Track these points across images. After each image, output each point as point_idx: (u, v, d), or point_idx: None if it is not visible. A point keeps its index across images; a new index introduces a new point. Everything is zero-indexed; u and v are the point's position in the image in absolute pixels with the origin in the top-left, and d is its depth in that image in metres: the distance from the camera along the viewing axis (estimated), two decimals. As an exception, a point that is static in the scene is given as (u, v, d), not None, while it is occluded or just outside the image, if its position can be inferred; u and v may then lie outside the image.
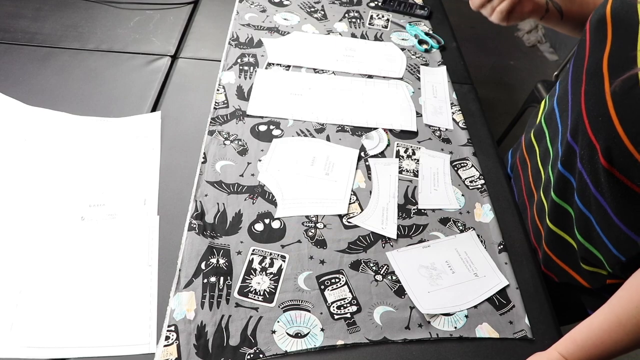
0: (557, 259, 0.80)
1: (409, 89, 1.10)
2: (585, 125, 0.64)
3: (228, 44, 1.15)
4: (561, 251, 0.79)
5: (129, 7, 1.22)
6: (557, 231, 0.77)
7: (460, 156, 0.97)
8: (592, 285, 0.77)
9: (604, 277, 0.74)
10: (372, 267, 0.76)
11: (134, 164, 0.87)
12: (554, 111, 0.78)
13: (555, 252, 0.80)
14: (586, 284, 0.77)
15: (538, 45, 2.78)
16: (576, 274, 0.78)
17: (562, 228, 0.77)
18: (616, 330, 0.57)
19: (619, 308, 0.58)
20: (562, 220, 0.76)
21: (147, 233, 0.76)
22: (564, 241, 0.77)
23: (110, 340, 0.65)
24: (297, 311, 0.70)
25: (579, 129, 0.66)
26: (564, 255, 0.79)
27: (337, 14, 1.31)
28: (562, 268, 0.80)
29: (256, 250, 0.76)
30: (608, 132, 0.59)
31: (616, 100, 0.58)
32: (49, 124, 0.91)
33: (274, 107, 1.01)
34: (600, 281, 0.75)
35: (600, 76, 0.62)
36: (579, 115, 0.66)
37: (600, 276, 0.74)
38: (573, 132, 0.69)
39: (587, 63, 0.66)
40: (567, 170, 0.72)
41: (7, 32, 1.10)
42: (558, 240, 0.78)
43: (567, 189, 0.73)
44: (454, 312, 0.72)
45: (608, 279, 0.74)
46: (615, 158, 0.60)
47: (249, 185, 0.85)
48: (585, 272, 0.76)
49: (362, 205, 0.85)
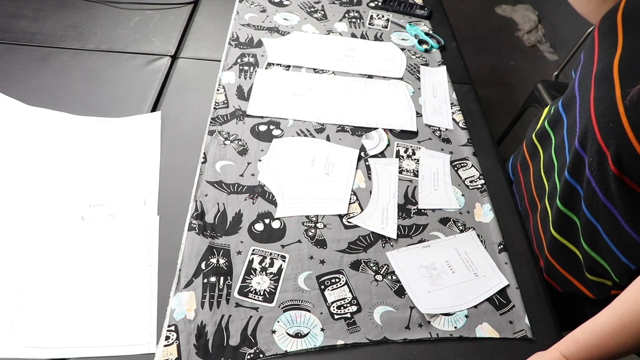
0: (560, 268, 0.79)
1: (409, 89, 1.10)
2: (595, 132, 0.63)
3: (228, 44, 1.15)
4: (565, 260, 0.78)
5: (129, 7, 1.22)
6: (561, 240, 0.77)
7: (460, 156, 0.97)
8: (596, 295, 0.76)
9: (609, 288, 0.74)
10: (372, 267, 0.76)
11: (134, 164, 0.87)
12: (561, 117, 0.77)
13: (559, 262, 0.79)
14: (590, 294, 0.77)
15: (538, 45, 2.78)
16: (580, 284, 0.78)
17: (566, 237, 0.76)
18: (620, 333, 0.57)
19: (623, 310, 0.58)
20: (567, 229, 0.75)
21: (147, 233, 0.76)
22: (569, 250, 0.76)
23: (110, 340, 0.64)
24: (297, 311, 0.70)
25: (588, 136, 0.65)
26: (568, 265, 0.78)
27: (337, 14, 1.31)
28: (566, 277, 0.79)
29: (256, 250, 0.76)
30: (619, 138, 0.59)
31: (627, 106, 0.58)
32: (49, 124, 0.91)
33: (274, 107, 1.01)
34: (605, 292, 0.74)
35: (611, 81, 0.61)
36: (588, 121, 0.65)
37: (605, 287, 0.74)
38: (581, 140, 0.68)
39: (596, 69, 0.65)
40: (574, 178, 0.71)
41: (7, 32, 1.10)
42: (562, 249, 0.77)
43: (574, 198, 0.72)
44: (454, 312, 0.72)
45: (613, 290, 0.73)
46: (626, 165, 0.59)
47: (249, 185, 0.85)
48: (590, 283, 0.76)
49: (362, 205, 0.85)
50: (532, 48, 2.77)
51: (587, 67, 0.69)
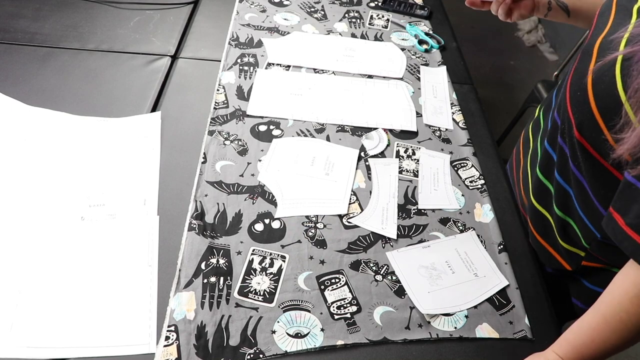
0: (538, 236, 0.83)
1: (409, 89, 1.10)
2: (566, 101, 0.67)
3: (228, 44, 1.15)
4: (541, 228, 0.81)
5: (129, 7, 1.22)
6: (538, 208, 0.81)
7: (460, 156, 0.97)
8: (570, 265, 0.79)
9: (581, 258, 0.76)
10: (372, 267, 0.76)
11: (134, 164, 0.87)
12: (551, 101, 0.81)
13: (537, 229, 0.83)
14: (566, 264, 0.79)
15: (538, 45, 2.77)
16: (556, 253, 0.80)
17: (543, 205, 0.80)
18: (603, 329, 0.58)
19: (604, 305, 0.60)
20: (544, 196, 0.79)
21: (147, 233, 0.76)
22: (544, 218, 0.80)
23: (110, 340, 0.65)
24: (297, 311, 0.70)
25: (562, 104, 0.69)
26: (543, 233, 0.81)
27: (337, 14, 1.31)
28: (544, 246, 0.82)
29: (256, 250, 0.76)
30: (583, 106, 0.62)
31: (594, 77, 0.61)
32: (49, 124, 0.91)
33: (274, 107, 1.01)
34: (577, 262, 0.77)
35: (590, 55, 0.64)
36: (564, 90, 0.69)
37: (578, 257, 0.76)
38: (558, 107, 0.72)
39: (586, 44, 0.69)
40: (551, 145, 0.75)
41: (7, 32, 1.10)
42: (539, 216, 0.81)
43: (549, 165, 0.76)
44: (454, 312, 0.72)
45: (584, 261, 0.76)
46: (586, 132, 0.62)
47: (249, 186, 0.85)
48: (564, 251, 0.78)
49: (362, 205, 0.85)
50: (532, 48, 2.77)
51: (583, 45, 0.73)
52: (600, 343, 0.58)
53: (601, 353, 0.59)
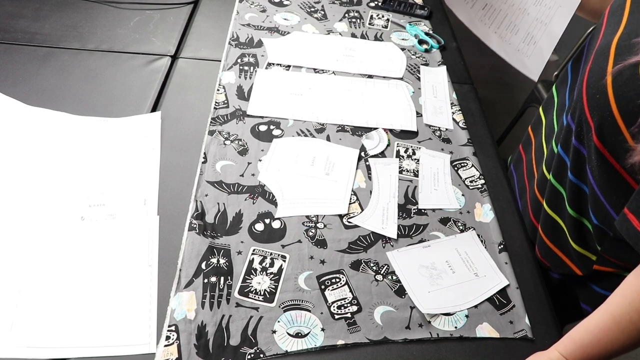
0: (548, 241, 0.81)
1: (409, 89, 1.10)
2: (583, 103, 0.65)
3: (228, 44, 1.15)
4: (553, 233, 0.80)
5: (129, 7, 1.22)
6: (550, 213, 0.79)
7: (460, 156, 0.97)
8: (581, 270, 0.78)
9: (592, 262, 0.75)
10: (372, 267, 0.76)
11: (134, 164, 0.87)
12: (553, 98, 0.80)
13: (548, 236, 0.81)
14: (577, 269, 0.78)
15: (538, 46, 2.77)
16: (566, 258, 0.79)
17: (554, 210, 0.78)
18: (612, 328, 0.58)
19: (614, 306, 0.59)
20: (555, 201, 0.77)
21: (147, 233, 0.76)
22: (556, 223, 0.79)
23: (110, 340, 0.64)
24: (298, 311, 0.70)
25: (577, 107, 0.68)
26: (554, 237, 0.80)
27: (337, 14, 1.31)
28: (554, 252, 0.81)
29: (256, 250, 0.76)
30: (603, 109, 0.60)
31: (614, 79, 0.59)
32: (49, 124, 0.91)
33: (274, 107, 1.01)
34: (588, 266, 0.76)
35: (607, 56, 0.63)
36: (579, 94, 0.68)
37: (589, 261, 0.76)
38: (572, 112, 0.70)
39: (598, 45, 0.67)
40: (563, 149, 0.73)
41: (7, 32, 1.10)
42: (550, 222, 0.80)
43: (561, 169, 0.74)
44: (454, 312, 0.72)
45: (595, 265, 0.75)
46: (607, 137, 0.61)
47: (249, 185, 0.85)
48: (575, 255, 0.77)
49: (362, 205, 0.85)
50: (532, 48, 2.77)
51: (592, 44, 0.71)
52: (608, 343, 0.58)
53: (607, 353, 0.59)
